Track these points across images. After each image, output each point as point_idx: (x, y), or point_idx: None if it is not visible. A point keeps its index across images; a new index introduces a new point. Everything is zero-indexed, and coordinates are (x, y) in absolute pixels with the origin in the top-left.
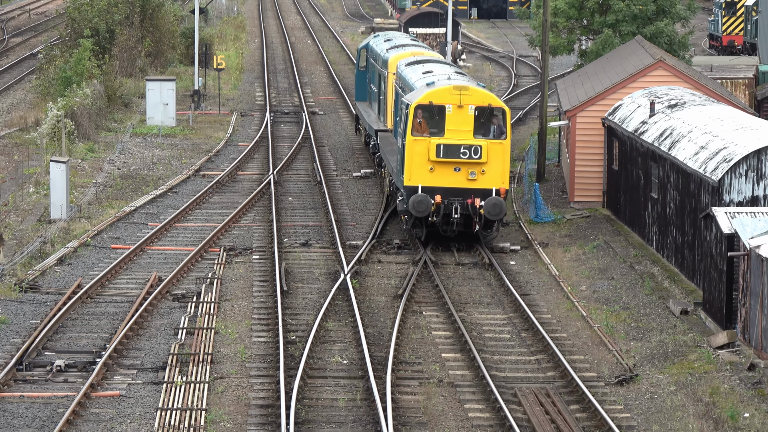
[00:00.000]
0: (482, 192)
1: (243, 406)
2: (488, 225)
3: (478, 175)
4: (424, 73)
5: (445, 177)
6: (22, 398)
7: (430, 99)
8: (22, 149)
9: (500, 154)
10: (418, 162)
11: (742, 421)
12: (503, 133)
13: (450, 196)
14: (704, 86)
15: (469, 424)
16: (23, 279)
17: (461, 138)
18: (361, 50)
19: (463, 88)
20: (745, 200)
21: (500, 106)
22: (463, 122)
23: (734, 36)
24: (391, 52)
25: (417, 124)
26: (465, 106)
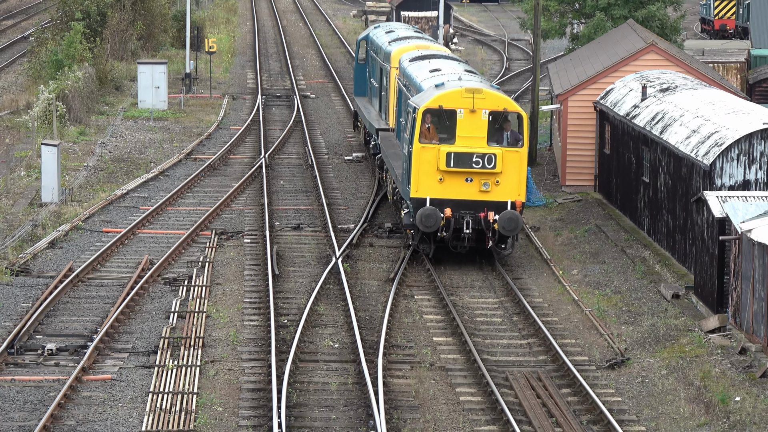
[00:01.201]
0: (496, 205)
1: (234, 390)
2: (502, 240)
3: (491, 186)
4: (432, 72)
5: (456, 188)
6: (14, 382)
7: (440, 103)
8: (14, 132)
9: (516, 164)
10: (426, 171)
11: (733, 404)
12: (519, 140)
13: (461, 210)
14: (696, 70)
15: (461, 407)
16: (14, 262)
17: (474, 146)
18: (360, 42)
19: (476, 91)
20: (737, 184)
21: (517, 110)
22: (475, 128)
23: (726, 20)
24: (394, 45)
25: (425, 129)
26: (478, 111)
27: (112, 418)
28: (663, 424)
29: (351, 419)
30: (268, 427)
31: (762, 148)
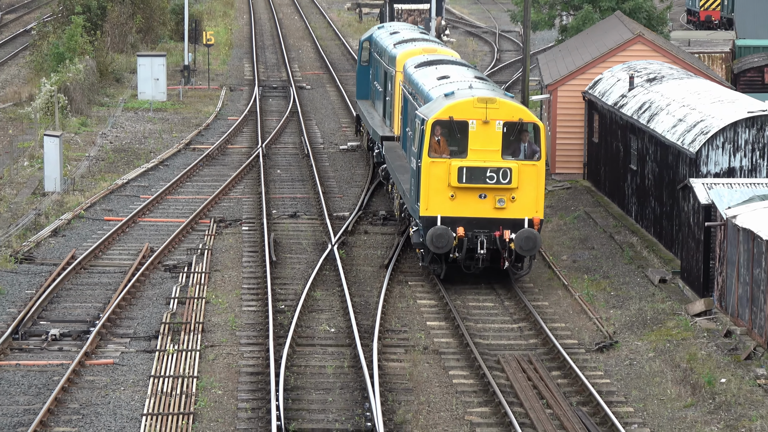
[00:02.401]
0: (512, 223)
1: (233, 374)
2: (519, 260)
3: (507, 202)
4: (440, 79)
5: (469, 205)
6: (18, 366)
7: (451, 113)
8: (16, 124)
9: (533, 178)
10: (437, 188)
11: (718, 386)
12: (536, 152)
13: (474, 228)
14: (682, 60)
15: (454, 390)
16: (18, 250)
17: (487, 159)
18: (363, 43)
19: (489, 101)
20: (722, 171)
21: (533, 120)
22: (489, 141)
23: (711, 11)
24: (399, 47)
25: (435, 143)
26: (491, 122)
27: (114, 401)
28: (650, 405)
29: (347, 401)
30: (266, 410)
31: (746, 137)
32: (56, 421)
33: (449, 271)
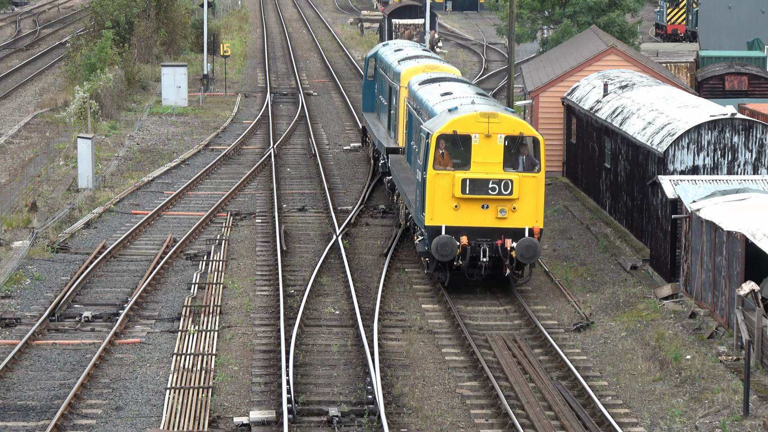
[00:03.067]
0: (513, 232)
1: (248, 351)
2: (520, 267)
3: (508, 212)
4: (443, 95)
5: (472, 215)
6: (55, 345)
7: (454, 128)
8: (53, 127)
9: (533, 189)
10: (441, 199)
11: (684, 362)
12: (536, 164)
13: (477, 237)
14: (651, 69)
15: (446, 366)
16: (55, 241)
17: (489, 171)
18: (369, 59)
19: (491, 115)
20: (687, 169)
21: (533, 134)
22: (491, 153)
23: (677, 25)
24: (403, 64)
25: (439, 156)
26: (493, 136)
27: (141, 376)
28: (623, 379)
29: (350, 376)
30: (277, 384)
31: (709, 138)
32: (89, 394)
33: (453, 279)
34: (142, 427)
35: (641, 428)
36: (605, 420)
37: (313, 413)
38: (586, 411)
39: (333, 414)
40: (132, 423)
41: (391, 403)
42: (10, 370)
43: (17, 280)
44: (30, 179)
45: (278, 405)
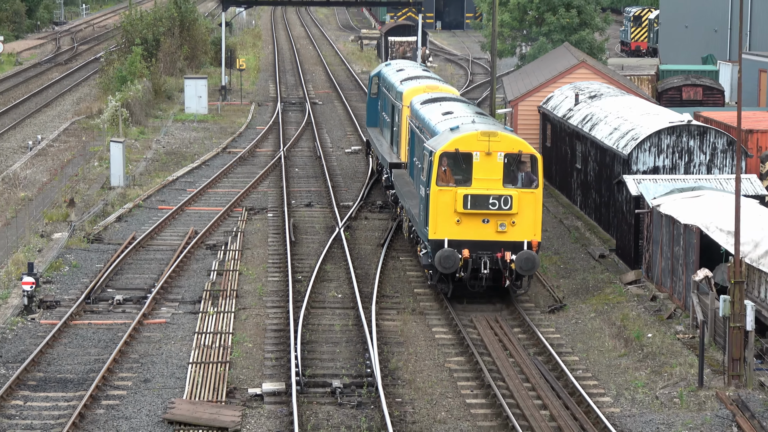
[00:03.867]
0: (513, 245)
1: (261, 330)
2: (519, 279)
3: (508, 226)
4: (444, 114)
5: (473, 229)
6: (90, 325)
7: (456, 146)
8: (88, 132)
9: (532, 204)
10: (444, 213)
11: (646, 340)
12: (533, 180)
13: (478, 250)
14: (617, 81)
15: (436, 343)
16: (90, 233)
17: (490, 187)
18: (372, 78)
19: (491, 134)
20: (649, 170)
21: (531, 152)
22: (491, 170)
23: (640, 42)
24: (405, 84)
25: (442, 173)
26: (493, 153)
27: (166, 352)
28: (592, 355)
29: (351, 352)
30: (287, 359)
31: (668, 142)
32: (120, 368)
33: (455, 289)
34: (167, 397)
35: (608, 398)
36: (576, 391)
37: (318, 385)
38: (559, 383)
39: (336, 386)
40: (158, 394)
41: (387, 376)
42: (50, 347)
43: (57, 268)
44: (68, 178)
45: (287, 378)
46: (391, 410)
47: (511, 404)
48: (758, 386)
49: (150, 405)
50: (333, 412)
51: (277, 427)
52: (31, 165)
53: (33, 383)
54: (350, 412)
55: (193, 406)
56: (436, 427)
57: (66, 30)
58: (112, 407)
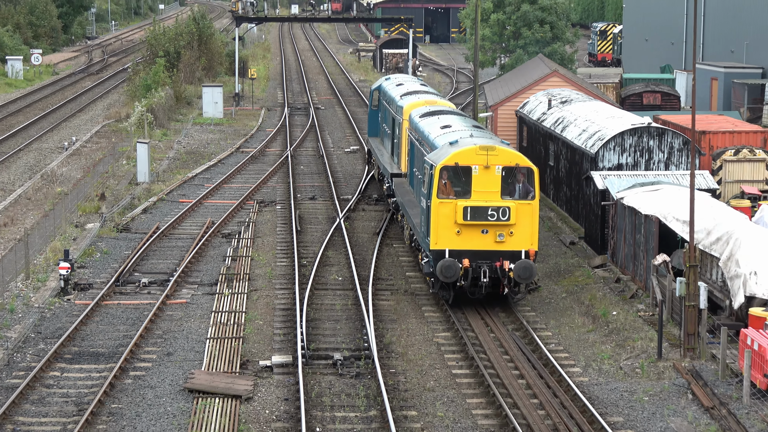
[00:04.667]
0: (511, 254)
1: (270, 309)
2: (516, 285)
3: (506, 236)
4: (443, 128)
5: (473, 239)
6: (119, 305)
7: (456, 160)
8: (117, 134)
9: (529, 215)
10: (445, 225)
11: (611, 317)
12: (530, 192)
13: (478, 259)
14: (585, 88)
15: (425, 320)
16: (119, 223)
17: (488, 199)
18: (373, 91)
19: (489, 148)
20: (613, 166)
21: (528, 165)
22: (490, 183)
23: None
24: (405, 99)
25: (442, 185)
26: (492, 167)
27: (187, 329)
28: (563, 330)
29: (350, 328)
30: (293, 335)
31: (630, 141)
32: (146, 343)
33: (455, 296)
34: (187, 368)
35: (578, 368)
36: (550, 362)
37: (321, 357)
38: (534, 355)
39: (337, 358)
40: (180, 365)
41: (382, 349)
42: (84, 325)
43: (90, 254)
44: (99, 175)
45: (294, 351)
46: (386, 380)
47: (492, 374)
48: (710, 358)
49: (172, 375)
50: (334, 382)
51: (285, 395)
52: (67, 163)
53: (69, 356)
54: (350, 381)
55: (211, 376)
56: (426, 394)
57: (97, 44)
58: (139, 378)
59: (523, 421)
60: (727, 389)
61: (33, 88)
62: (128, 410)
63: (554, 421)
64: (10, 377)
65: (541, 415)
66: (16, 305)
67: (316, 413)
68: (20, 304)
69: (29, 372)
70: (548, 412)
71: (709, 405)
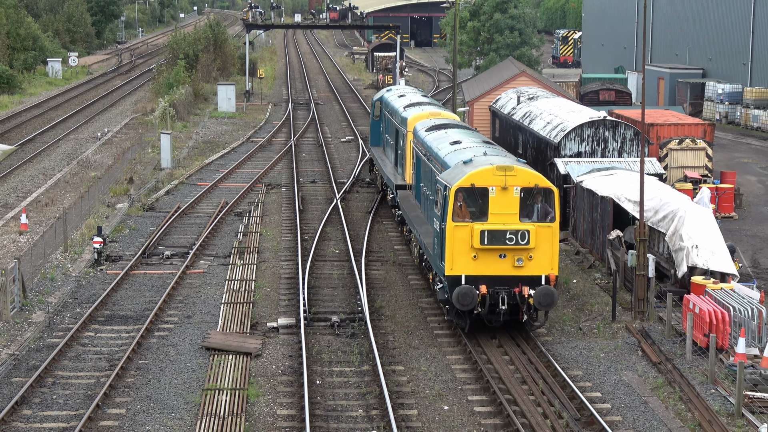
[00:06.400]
0: (530, 279)
1: (277, 278)
2: (536, 311)
3: (525, 261)
4: (453, 144)
5: (490, 265)
6: (146, 274)
7: (472, 181)
8: (144, 126)
9: (549, 238)
10: (461, 249)
11: (572, 285)
12: (549, 213)
13: (496, 285)
14: (549, 87)
15: (411, 287)
16: (145, 203)
17: (506, 222)
18: (375, 102)
19: (507, 168)
20: (573, 154)
21: (547, 186)
22: (507, 205)
23: (567, 56)
24: (409, 110)
25: (458, 208)
26: (510, 188)
27: (204, 295)
28: None
29: (346, 294)
30: (296, 300)
31: (589, 132)
32: (169, 307)
33: (471, 323)
34: (205, 329)
35: (543, 329)
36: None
37: (321, 320)
38: None
39: (334, 320)
40: (198, 327)
41: (374, 312)
42: (115, 291)
43: (120, 230)
44: (128, 161)
45: (297, 314)
46: (377, 339)
47: (469, 335)
48: (657, 320)
49: (192, 335)
50: (332, 341)
51: (289, 352)
52: (100, 151)
53: (102, 319)
54: (345, 340)
55: (225, 336)
56: (412, 352)
57: (126, 47)
58: (163, 337)
59: (495, 375)
60: (672, 347)
61: (70, 86)
62: (153, 365)
63: (522, 375)
64: (50, 337)
65: (511, 369)
66: (55, 274)
67: (316, 368)
68: (59, 273)
69: (67, 332)
70: (517, 366)
71: (657, 361)
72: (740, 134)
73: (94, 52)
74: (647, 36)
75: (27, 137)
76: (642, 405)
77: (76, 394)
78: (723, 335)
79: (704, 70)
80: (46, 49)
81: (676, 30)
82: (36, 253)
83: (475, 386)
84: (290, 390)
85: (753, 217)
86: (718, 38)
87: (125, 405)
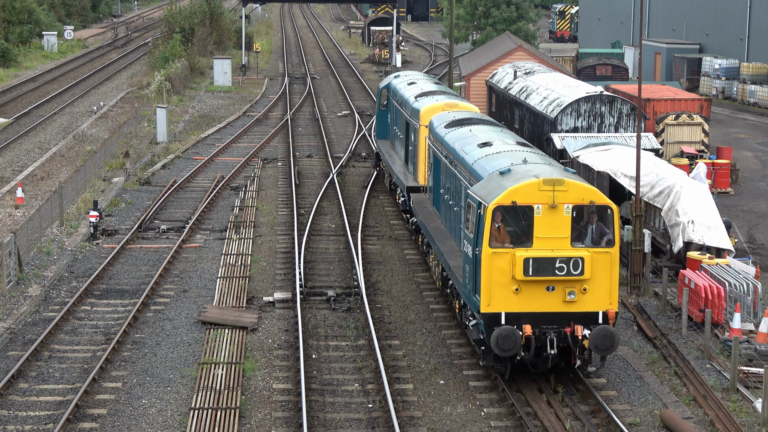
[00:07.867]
0: (584, 317)
1: (273, 252)
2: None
3: (578, 294)
4: (482, 147)
5: (536, 300)
6: (142, 248)
7: (513, 198)
8: (140, 100)
9: (607, 267)
10: (499, 281)
11: None
12: (606, 235)
13: (542, 324)
14: (546, 61)
15: (407, 262)
16: (141, 177)
17: (555, 248)
18: (381, 90)
19: (556, 182)
20: (570, 129)
21: (605, 203)
22: (557, 227)
23: (564, 31)
24: (421, 101)
25: (495, 230)
26: (559, 206)
27: (200, 269)
28: None
29: (342, 269)
30: (292, 274)
31: (585, 107)
32: (165, 281)
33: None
34: (201, 303)
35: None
36: None
37: (317, 294)
38: None
39: (330, 294)
40: (194, 301)
41: (370, 287)
42: (111, 265)
43: (116, 204)
44: (124, 135)
45: (293, 288)
46: (373, 313)
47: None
48: (653, 295)
49: (188, 309)
50: (328, 315)
51: (285, 326)
52: (96, 125)
53: (98, 293)
54: (341, 315)
55: (221, 310)
56: (407, 326)
57: (122, 21)
58: (159, 311)
59: None
60: (668, 322)
61: (66, 60)
62: (149, 339)
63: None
64: (47, 311)
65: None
66: (52, 248)
67: (312, 342)
68: (55, 247)
69: (63, 306)
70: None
71: (652, 335)
72: (737, 110)
73: (89, 26)
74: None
75: (22, 111)
76: (637, 380)
77: (73, 368)
78: (718, 310)
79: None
80: (42, 22)
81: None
82: (32, 226)
83: (470, 360)
84: (286, 364)
85: (749, 193)
86: (716, 13)
87: (121, 378)
